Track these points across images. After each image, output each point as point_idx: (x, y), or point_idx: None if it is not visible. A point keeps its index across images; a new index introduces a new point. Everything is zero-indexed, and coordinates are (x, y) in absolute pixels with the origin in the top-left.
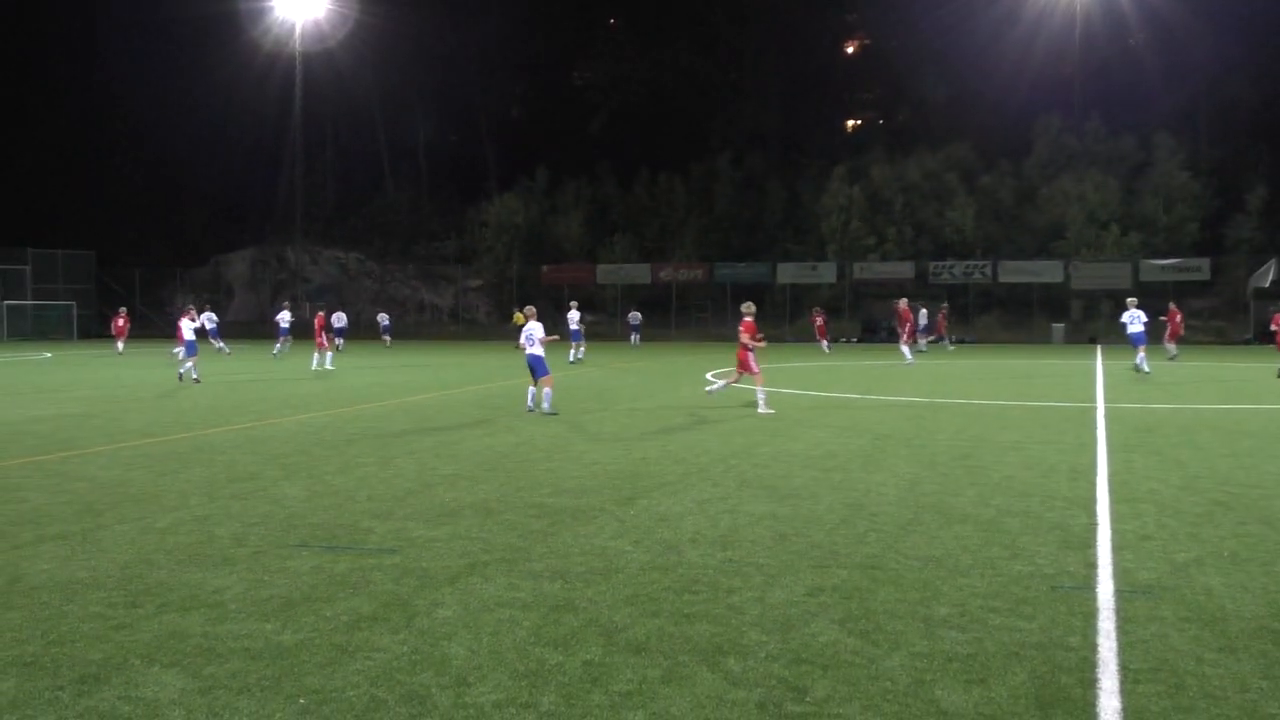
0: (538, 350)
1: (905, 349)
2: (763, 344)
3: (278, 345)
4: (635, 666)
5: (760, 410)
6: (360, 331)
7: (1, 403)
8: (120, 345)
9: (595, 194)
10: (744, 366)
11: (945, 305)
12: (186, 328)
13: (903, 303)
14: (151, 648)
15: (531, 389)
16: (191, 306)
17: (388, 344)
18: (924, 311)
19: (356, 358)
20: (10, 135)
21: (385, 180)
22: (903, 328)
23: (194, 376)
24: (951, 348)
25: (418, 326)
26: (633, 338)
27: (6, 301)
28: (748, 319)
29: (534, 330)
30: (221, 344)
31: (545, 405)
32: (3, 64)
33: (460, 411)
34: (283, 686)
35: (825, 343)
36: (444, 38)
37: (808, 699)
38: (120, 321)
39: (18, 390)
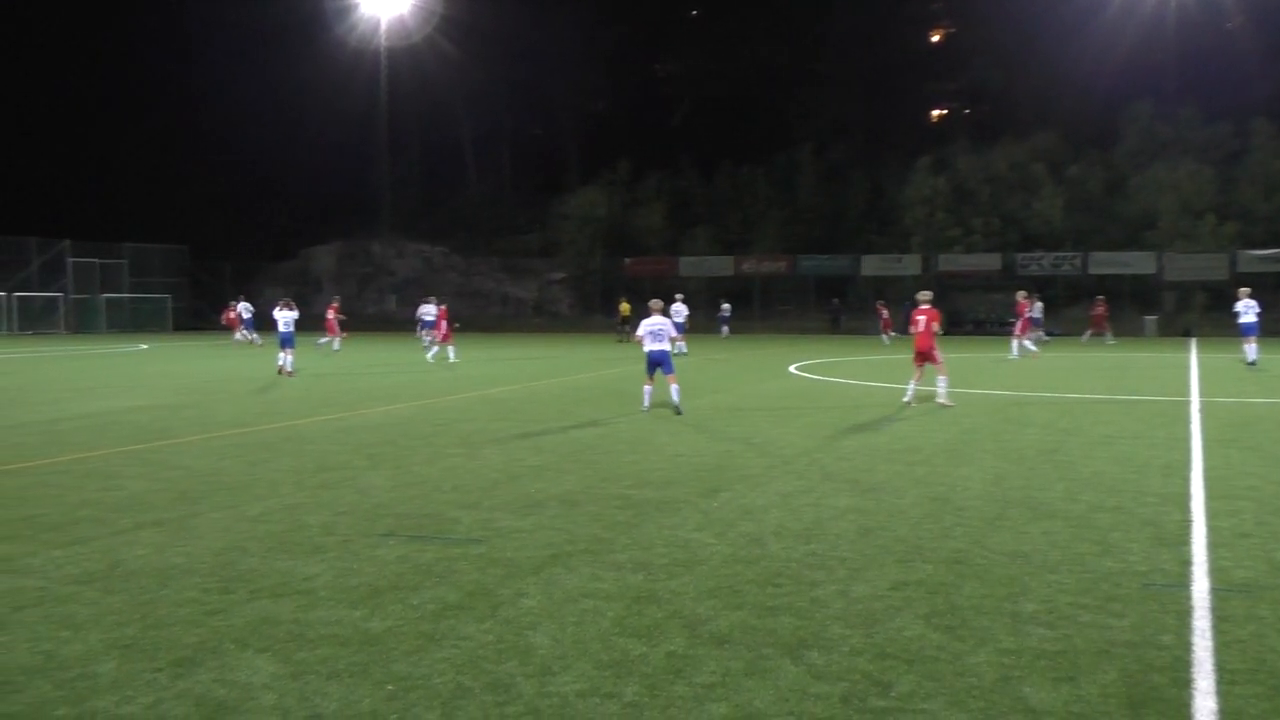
0: (666, 345)
1: (1018, 342)
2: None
3: (426, 338)
4: (718, 658)
5: (941, 401)
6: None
7: (101, 393)
8: (239, 335)
9: (677, 186)
10: (928, 358)
11: (1102, 298)
12: (281, 319)
13: (1021, 295)
14: (244, 633)
15: (648, 387)
16: (289, 299)
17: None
18: (1039, 305)
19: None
20: (107, 135)
21: (469, 174)
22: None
23: (288, 369)
24: (1112, 341)
25: (501, 320)
26: (723, 329)
27: (105, 295)
28: (931, 306)
29: (664, 325)
30: (255, 335)
31: (675, 399)
32: (98, 68)
33: (544, 404)
34: (371, 673)
35: (887, 335)
36: (526, 31)
37: (892, 694)
38: (231, 313)
39: (116, 381)
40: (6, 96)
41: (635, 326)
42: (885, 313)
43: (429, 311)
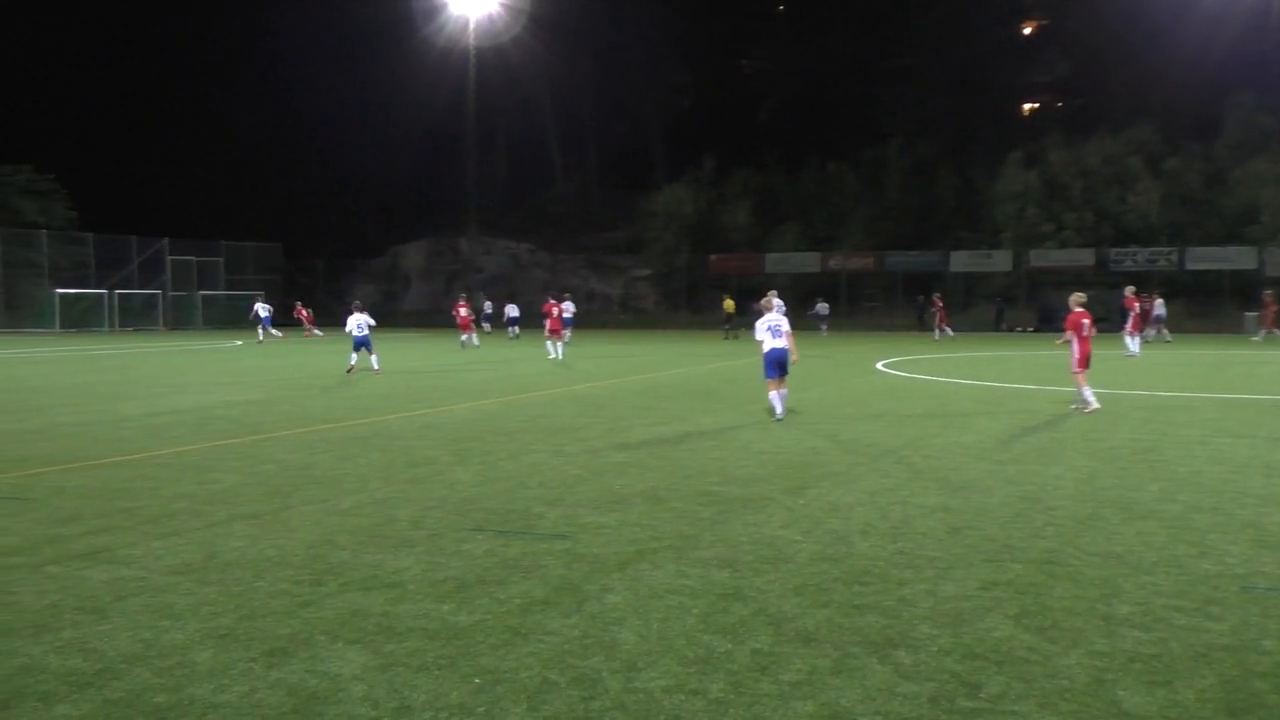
0: (784, 343)
1: (1129, 339)
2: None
3: (513, 330)
4: (805, 656)
5: (1080, 407)
6: (529, 320)
7: (197, 388)
8: (263, 335)
9: (763, 183)
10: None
11: (1270, 293)
12: (352, 322)
13: (1129, 290)
14: (335, 624)
15: (774, 393)
16: (359, 302)
17: (515, 335)
18: (1159, 302)
19: (509, 348)
20: (204, 137)
21: (555, 171)
22: (1129, 317)
23: (374, 367)
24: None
25: (587, 316)
26: (821, 328)
27: (201, 292)
28: (1083, 310)
29: (780, 321)
30: (276, 332)
31: (780, 408)
32: (192, 72)
33: (629, 400)
34: (458, 666)
35: (940, 330)
36: (612, 29)
37: (981, 695)
38: (304, 311)
39: (211, 377)
40: (108, 102)
41: (735, 324)
42: (940, 305)
43: (514, 310)
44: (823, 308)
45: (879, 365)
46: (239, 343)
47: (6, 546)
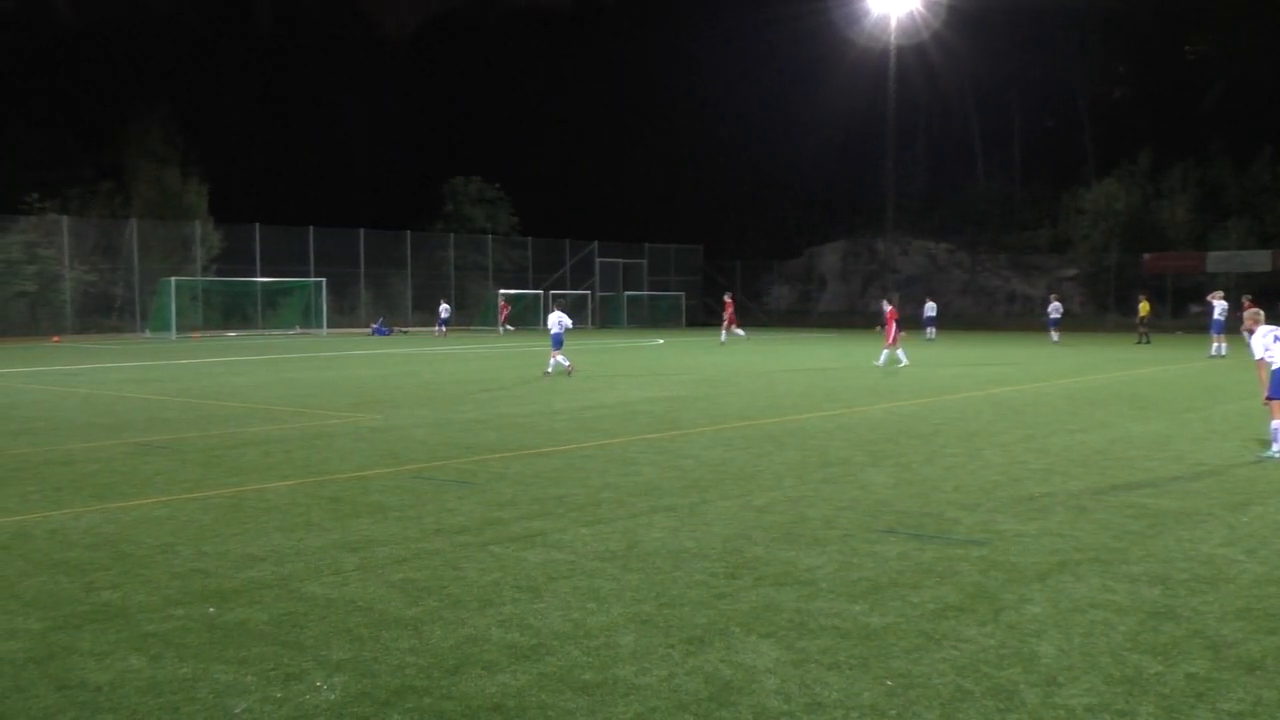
0: None
1: None
2: None
3: (930, 331)
4: (1248, 686)
5: None
6: (946, 321)
7: (623, 384)
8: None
9: (1205, 176)
10: None
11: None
12: (552, 320)
13: None
14: (749, 618)
15: (1276, 423)
16: (563, 302)
17: (931, 336)
18: None
19: (924, 350)
20: (633, 145)
21: (977, 169)
22: None
23: (566, 366)
24: None
25: (1008, 318)
26: None
27: (626, 292)
28: None
29: None
30: (443, 329)
31: None
32: (624, 87)
33: (1050, 405)
34: (870, 667)
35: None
36: (1040, 20)
37: None
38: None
39: (636, 373)
40: (547, 117)
41: (1149, 326)
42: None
43: (930, 309)
44: None
45: None
46: (661, 341)
47: (456, 525)
